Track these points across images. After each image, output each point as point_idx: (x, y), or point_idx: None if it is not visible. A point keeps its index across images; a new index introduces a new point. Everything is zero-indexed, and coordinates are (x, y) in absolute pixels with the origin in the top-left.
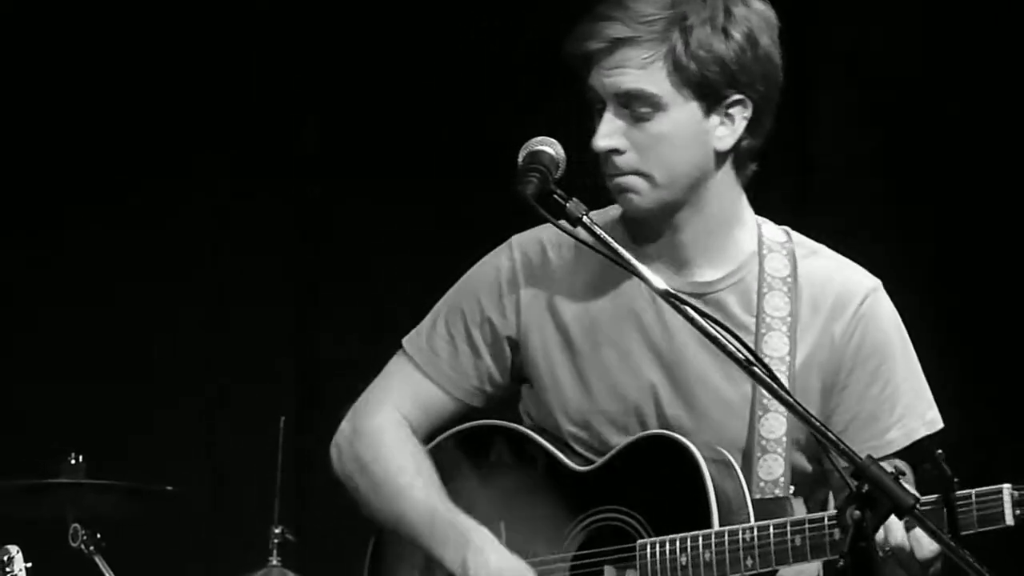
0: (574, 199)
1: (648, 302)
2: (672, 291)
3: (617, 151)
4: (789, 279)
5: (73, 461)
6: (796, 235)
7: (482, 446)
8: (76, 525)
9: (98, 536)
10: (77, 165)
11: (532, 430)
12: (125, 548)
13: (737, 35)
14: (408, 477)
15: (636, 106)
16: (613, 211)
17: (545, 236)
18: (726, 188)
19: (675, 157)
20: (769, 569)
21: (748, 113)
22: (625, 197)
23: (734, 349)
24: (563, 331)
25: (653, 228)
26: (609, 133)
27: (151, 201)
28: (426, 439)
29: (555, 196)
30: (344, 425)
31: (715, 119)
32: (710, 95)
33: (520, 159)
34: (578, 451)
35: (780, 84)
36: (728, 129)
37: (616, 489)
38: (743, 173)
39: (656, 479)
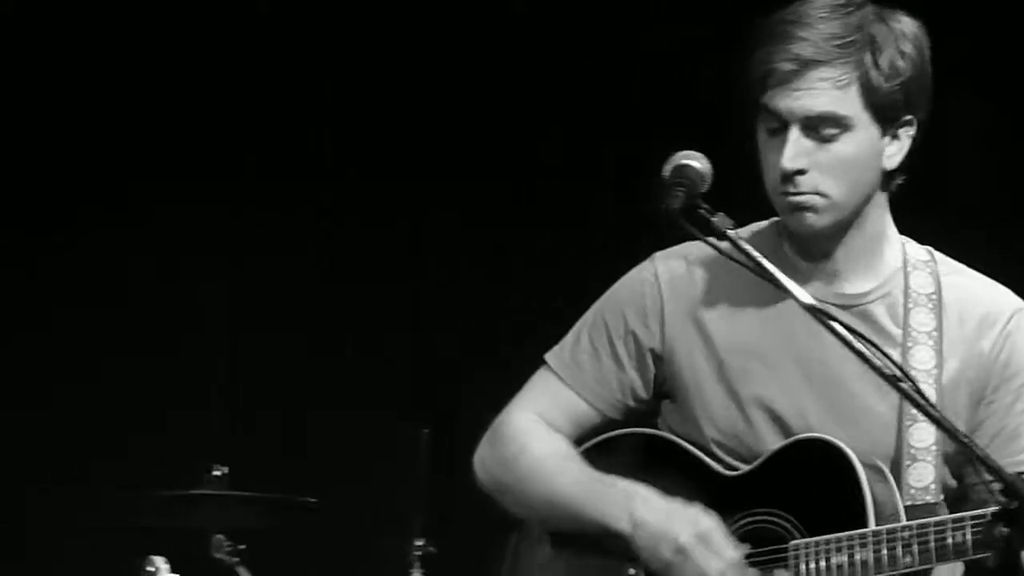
0: (720, 214)
1: (796, 313)
2: (818, 306)
3: (801, 171)
4: (934, 296)
5: (217, 473)
6: (939, 255)
7: (628, 453)
8: (219, 536)
9: (241, 547)
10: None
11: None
12: (268, 560)
13: (914, 55)
14: (559, 459)
15: (824, 127)
16: (763, 225)
17: (689, 250)
18: (881, 205)
19: (854, 177)
20: (927, 567)
21: (913, 132)
22: (802, 216)
23: (881, 364)
24: (709, 343)
25: (815, 244)
26: (795, 155)
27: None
28: None
29: (701, 211)
30: (484, 437)
31: (887, 139)
32: (890, 117)
33: (666, 173)
34: (725, 459)
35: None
36: (896, 148)
37: (768, 492)
38: (891, 189)
39: (809, 481)
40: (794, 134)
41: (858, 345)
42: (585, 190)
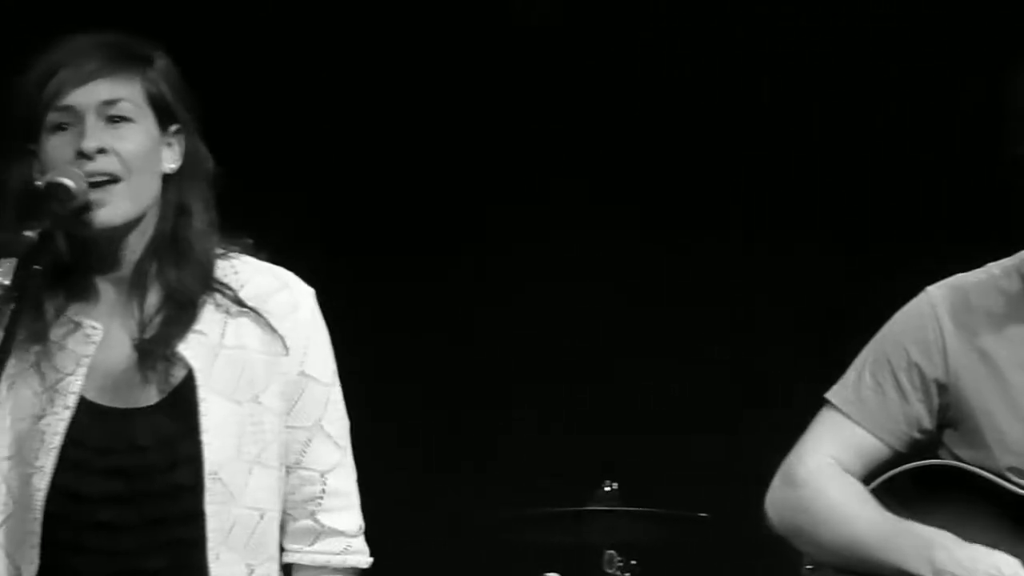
0: None
1: None
2: None
3: None
4: None
5: (608, 488)
6: None
7: (923, 485)
8: (611, 552)
9: (633, 563)
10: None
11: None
12: (659, 575)
13: None
14: (856, 503)
15: None
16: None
17: (960, 280)
18: None
19: None
20: None
21: None
22: None
23: None
24: (993, 369)
25: None
26: None
27: None
28: None
29: None
30: (776, 480)
31: None
32: None
33: None
34: (1020, 483)
35: None
36: None
37: None
38: None
39: None
40: None
41: None
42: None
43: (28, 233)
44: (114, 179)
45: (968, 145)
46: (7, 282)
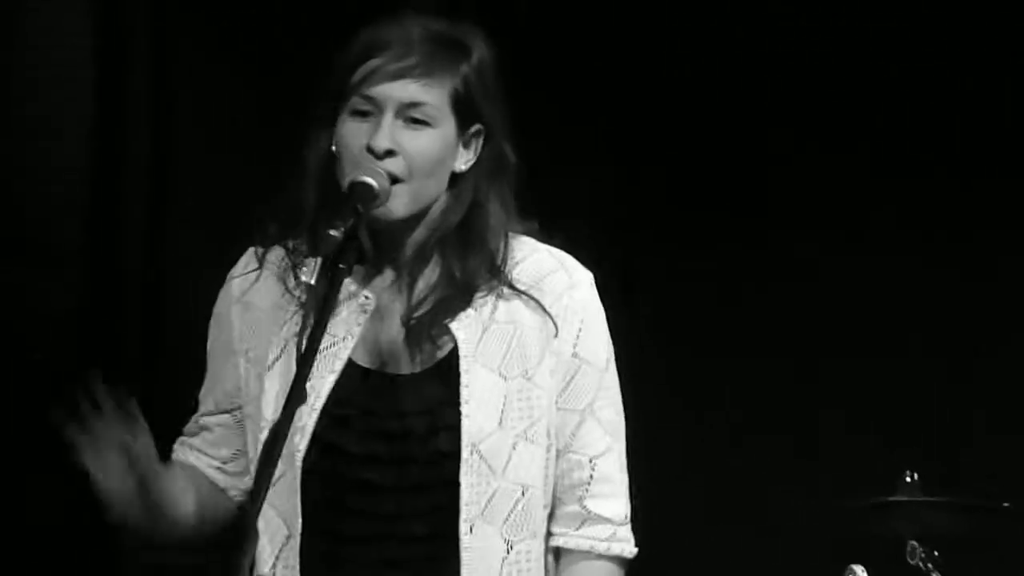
0: None
1: None
2: None
3: None
4: None
5: (909, 479)
6: None
7: None
8: (913, 543)
9: (935, 554)
10: None
11: None
12: (964, 566)
13: None
14: None
15: None
16: None
17: None
18: None
19: None
20: None
21: None
22: None
23: None
24: None
25: None
26: None
27: None
28: None
29: None
30: None
31: None
32: None
33: None
34: None
35: None
36: None
37: None
38: None
39: None
40: None
41: None
42: None
43: (333, 232)
44: (396, 180)
45: None
46: (312, 282)
